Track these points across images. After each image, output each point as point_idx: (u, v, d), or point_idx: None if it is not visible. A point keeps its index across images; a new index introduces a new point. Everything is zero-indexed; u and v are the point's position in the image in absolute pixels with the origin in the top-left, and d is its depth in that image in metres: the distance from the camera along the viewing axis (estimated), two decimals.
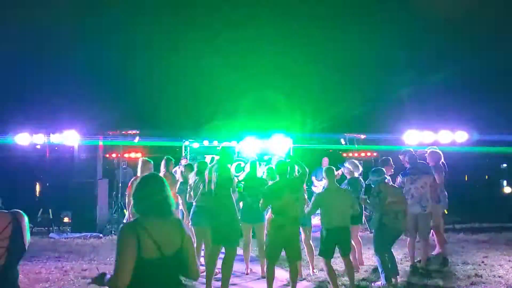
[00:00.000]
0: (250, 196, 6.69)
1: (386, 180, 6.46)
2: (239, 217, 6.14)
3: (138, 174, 7.99)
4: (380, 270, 6.10)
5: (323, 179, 7.84)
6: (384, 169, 6.53)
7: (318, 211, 6.03)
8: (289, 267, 5.78)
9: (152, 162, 8.16)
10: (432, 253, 7.52)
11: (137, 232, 2.58)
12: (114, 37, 16.44)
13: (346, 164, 7.43)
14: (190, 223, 6.75)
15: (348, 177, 7.32)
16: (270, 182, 6.32)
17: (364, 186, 7.23)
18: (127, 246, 2.56)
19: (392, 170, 7.52)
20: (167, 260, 2.61)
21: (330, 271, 5.75)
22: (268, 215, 6.28)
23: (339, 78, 18.55)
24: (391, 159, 7.54)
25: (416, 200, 6.83)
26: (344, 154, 15.35)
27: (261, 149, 10.86)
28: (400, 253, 8.06)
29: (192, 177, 6.88)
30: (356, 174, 7.26)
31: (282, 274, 6.57)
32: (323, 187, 6.75)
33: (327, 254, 5.77)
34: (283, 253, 5.68)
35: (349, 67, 17.62)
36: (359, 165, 7.41)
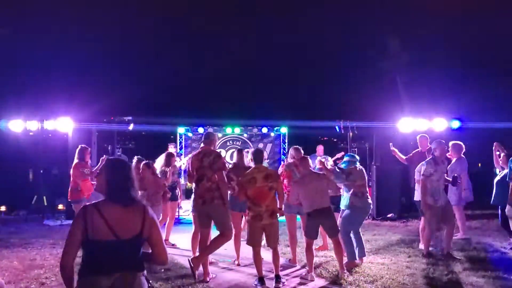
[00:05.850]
0: None
1: (356, 166, 6.65)
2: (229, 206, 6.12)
3: None
4: (344, 249, 6.27)
5: (316, 166, 7.85)
6: (357, 156, 6.78)
7: None
8: (271, 251, 5.85)
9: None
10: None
11: (89, 215, 2.62)
12: (109, 24, 16.32)
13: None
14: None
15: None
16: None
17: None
18: (75, 229, 2.64)
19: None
20: (123, 244, 2.64)
21: (309, 251, 5.97)
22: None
23: (333, 65, 18.54)
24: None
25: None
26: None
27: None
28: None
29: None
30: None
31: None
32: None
33: (310, 235, 6.01)
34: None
35: (342, 54, 17.60)
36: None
